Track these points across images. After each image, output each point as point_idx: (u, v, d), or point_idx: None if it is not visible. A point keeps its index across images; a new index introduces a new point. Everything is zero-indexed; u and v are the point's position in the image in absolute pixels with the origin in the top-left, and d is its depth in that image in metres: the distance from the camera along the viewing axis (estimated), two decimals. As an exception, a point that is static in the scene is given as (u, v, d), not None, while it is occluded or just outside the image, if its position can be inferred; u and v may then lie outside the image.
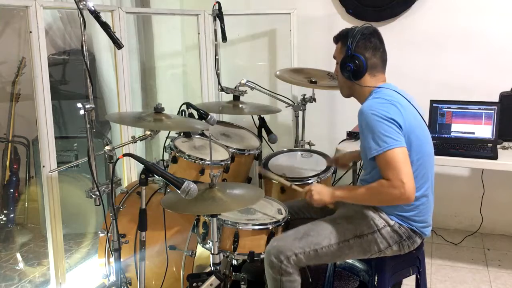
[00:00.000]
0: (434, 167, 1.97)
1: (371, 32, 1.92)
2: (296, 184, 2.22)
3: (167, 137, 2.45)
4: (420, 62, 3.23)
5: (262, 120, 2.86)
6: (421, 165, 1.85)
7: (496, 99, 2.88)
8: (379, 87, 1.90)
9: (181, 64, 3.81)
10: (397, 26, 3.25)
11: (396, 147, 1.73)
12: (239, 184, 2.21)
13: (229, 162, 2.44)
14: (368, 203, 1.89)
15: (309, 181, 2.54)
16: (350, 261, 2.09)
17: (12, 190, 3.20)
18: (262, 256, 1.97)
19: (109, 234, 2.06)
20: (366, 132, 1.79)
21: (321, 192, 1.93)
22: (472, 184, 3.24)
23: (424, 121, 1.94)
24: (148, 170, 1.76)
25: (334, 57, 2.03)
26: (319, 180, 2.55)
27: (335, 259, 1.97)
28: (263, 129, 2.86)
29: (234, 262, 2.21)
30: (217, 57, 3.12)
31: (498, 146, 2.73)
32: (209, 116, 2.35)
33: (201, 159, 2.35)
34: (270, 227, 2.01)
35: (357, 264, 2.06)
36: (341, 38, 1.97)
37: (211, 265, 1.91)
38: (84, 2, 1.76)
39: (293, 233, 1.92)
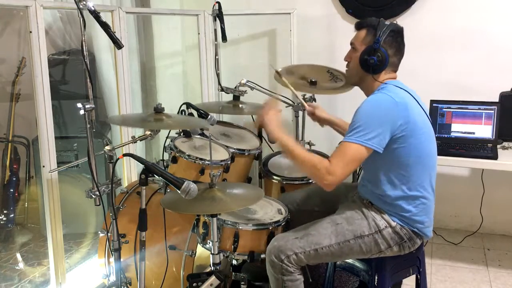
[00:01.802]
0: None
1: (399, 31, 1.92)
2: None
3: (167, 137, 2.45)
4: (420, 62, 3.23)
5: (262, 120, 2.86)
6: (420, 165, 1.85)
7: (496, 99, 2.88)
8: (386, 83, 1.90)
9: (181, 64, 3.81)
10: (397, 26, 3.25)
11: (363, 145, 1.75)
12: (239, 184, 2.21)
13: (229, 162, 2.44)
14: (297, 163, 1.89)
15: (309, 181, 2.54)
16: (350, 261, 2.09)
17: (12, 190, 3.20)
18: (262, 256, 1.97)
19: (109, 234, 2.05)
20: (355, 116, 1.81)
21: (271, 125, 1.96)
22: (472, 184, 3.24)
23: (430, 120, 1.94)
24: (148, 170, 1.76)
25: (351, 44, 2.00)
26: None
27: (335, 259, 1.98)
28: (263, 129, 2.85)
29: (234, 262, 2.21)
30: (217, 57, 3.12)
31: (498, 146, 2.73)
32: (209, 116, 2.35)
33: (201, 159, 2.35)
34: (270, 227, 2.01)
35: (357, 264, 2.06)
36: (368, 26, 1.93)
37: (211, 265, 1.91)
38: (84, 2, 1.76)
39: (294, 233, 1.92)
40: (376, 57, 1.87)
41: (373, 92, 1.92)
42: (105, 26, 1.79)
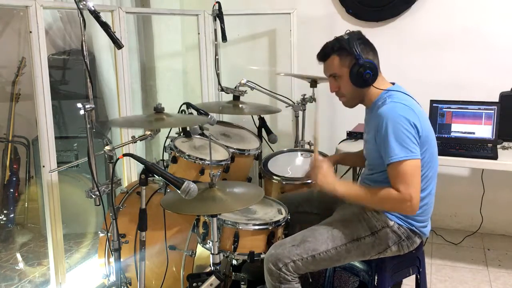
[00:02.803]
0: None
1: (361, 35, 1.92)
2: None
3: (167, 137, 2.45)
4: (420, 62, 3.23)
5: (262, 120, 2.86)
6: (431, 167, 1.86)
7: (496, 99, 2.88)
8: (388, 90, 1.90)
9: (181, 64, 3.81)
10: (397, 26, 3.25)
11: (413, 158, 1.74)
12: (239, 183, 2.20)
13: (229, 162, 2.44)
14: (370, 206, 1.88)
15: (309, 181, 2.54)
16: (350, 261, 2.09)
17: (12, 190, 3.21)
18: (262, 256, 1.97)
19: (109, 234, 2.06)
20: (387, 136, 1.76)
21: (326, 178, 1.88)
22: (472, 184, 3.24)
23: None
24: (148, 170, 1.76)
25: (331, 75, 1.95)
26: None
27: (334, 263, 1.95)
28: (263, 129, 2.86)
29: (234, 262, 2.21)
30: (217, 57, 3.12)
31: (498, 146, 2.73)
32: (209, 116, 2.35)
33: (201, 159, 2.35)
34: (270, 227, 2.01)
35: (357, 264, 2.06)
36: (336, 51, 1.90)
37: (211, 265, 1.91)
38: (84, 2, 1.76)
39: (291, 240, 1.91)
40: (368, 69, 1.85)
41: (375, 101, 1.91)
42: (105, 26, 1.79)
